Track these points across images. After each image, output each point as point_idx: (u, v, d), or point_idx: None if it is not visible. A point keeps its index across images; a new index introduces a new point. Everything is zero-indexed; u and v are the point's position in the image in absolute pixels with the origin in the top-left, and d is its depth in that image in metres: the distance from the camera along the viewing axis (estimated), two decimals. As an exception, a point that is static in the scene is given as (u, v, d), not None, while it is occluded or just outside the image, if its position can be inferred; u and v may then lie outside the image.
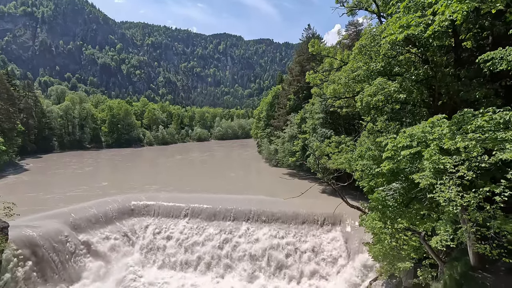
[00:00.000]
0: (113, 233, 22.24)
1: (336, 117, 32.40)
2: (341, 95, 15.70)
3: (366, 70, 12.73)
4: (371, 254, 14.39)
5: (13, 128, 60.01)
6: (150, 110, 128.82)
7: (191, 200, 25.72)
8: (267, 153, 55.25)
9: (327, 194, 30.76)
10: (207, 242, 22.08)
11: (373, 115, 14.31)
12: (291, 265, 20.40)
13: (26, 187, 38.39)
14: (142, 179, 42.84)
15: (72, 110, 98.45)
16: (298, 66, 48.04)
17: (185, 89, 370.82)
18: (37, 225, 19.55)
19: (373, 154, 12.17)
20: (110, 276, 19.28)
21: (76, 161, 65.55)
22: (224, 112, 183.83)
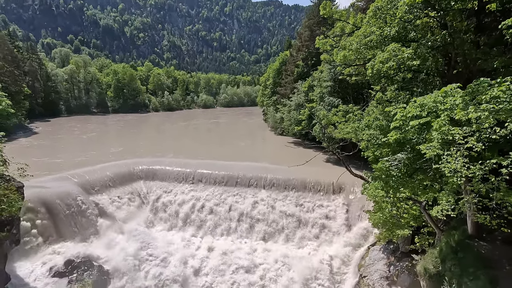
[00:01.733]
0: (123, 195, 23.16)
1: (344, 85, 31.55)
2: (352, 62, 15.10)
3: (379, 35, 12.09)
4: (371, 221, 14.85)
5: (19, 91, 60.11)
6: (155, 75, 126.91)
7: (197, 166, 26.27)
8: (272, 121, 54.96)
9: (332, 163, 31.05)
10: (215, 206, 22.94)
11: (383, 84, 13.89)
12: (295, 229, 21.25)
13: (36, 150, 39.45)
14: (150, 145, 43.53)
15: (77, 74, 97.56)
16: (308, 31, 45.81)
17: (190, 54, 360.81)
18: (50, 185, 20.42)
19: (380, 124, 12.02)
20: (120, 235, 20.42)
21: (84, 126, 66.36)
22: (230, 78, 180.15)
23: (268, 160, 32.32)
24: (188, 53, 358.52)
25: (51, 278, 15.80)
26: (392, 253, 16.70)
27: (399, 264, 15.71)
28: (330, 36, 18.96)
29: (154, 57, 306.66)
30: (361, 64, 15.17)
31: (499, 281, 9.02)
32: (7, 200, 12.91)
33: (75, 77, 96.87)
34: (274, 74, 60.98)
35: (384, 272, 15.83)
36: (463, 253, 10.35)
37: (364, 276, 16.44)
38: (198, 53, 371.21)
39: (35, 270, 16.18)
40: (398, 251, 16.51)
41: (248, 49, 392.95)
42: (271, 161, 31.48)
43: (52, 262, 16.71)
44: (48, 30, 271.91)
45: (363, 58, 14.01)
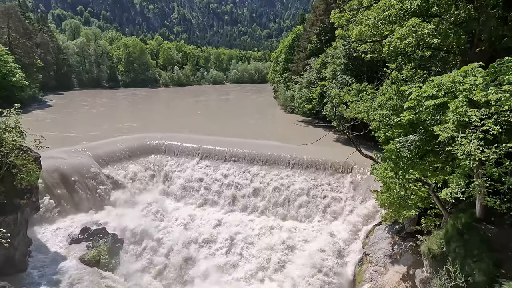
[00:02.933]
0: (135, 168, 23.81)
1: (359, 63, 30.50)
2: (368, 38, 14.44)
3: (399, 10, 11.43)
4: (378, 201, 14.93)
5: (32, 63, 60.59)
6: (165, 50, 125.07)
7: (206, 142, 26.55)
8: (283, 99, 54.20)
9: (341, 143, 30.81)
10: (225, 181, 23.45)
11: (399, 62, 13.35)
12: (303, 206, 21.63)
13: (51, 122, 40.43)
14: (161, 120, 43.94)
15: (87, 47, 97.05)
16: (323, 4, 43.69)
17: (201, 27, 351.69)
18: (66, 157, 21.12)
19: (394, 104, 11.71)
20: (132, 206, 21.25)
21: (96, 100, 67.05)
22: (240, 54, 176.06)
23: (277, 138, 32.28)
24: (198, 27, 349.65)
25: (69, 244, 16.81)
26: (397, 233, 16.91)
27: (403, 243, 15.95)
28: (346, 10, 18.03)
29: (164, 30, 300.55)
30: (377, 40, 14.52)
31: (504, 264, 9.08)
32: (26, 169, 13.48)
33: (85, 50, 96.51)
34: (286, 50, 59.23)
35: (387, 251, 16.14)
36: (469, 235, 10.38)
37: (368, 254, 16.81)
38: (208, 27, 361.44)
39: (54, 235, 17.20)
40: (403, 231, 16.70)
41: (260, 23, 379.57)
42: (280, 139, 31.44)
43: (69, 229, 17.70)
44: (57, 0, 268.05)
45: (380, 34, 13.37)
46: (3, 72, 46.59)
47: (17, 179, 13.14)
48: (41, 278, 14.10)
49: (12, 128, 13.59)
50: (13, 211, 13.42)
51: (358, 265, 17.28)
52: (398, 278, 14.18)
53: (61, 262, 15.40)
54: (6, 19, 58.37)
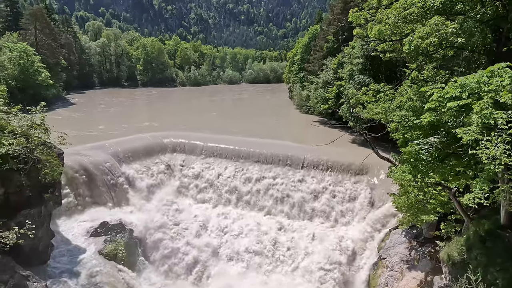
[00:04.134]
0: (152, 166, 24.33)
1: (377, 63, 29.81)
2: (387, 37, 14.10)
3: (421, 8, 11.08)
4: (395, 205, 14.54)
5: (57, 63, 63.22)
6: (182, 50, 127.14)
7: (221, 141, 26.78)
8: (298, 99, 53.83)
9: (357, 144, 30.26)
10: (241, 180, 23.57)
11: (420, 62, 12.94)
12: (317, 208, 21.42)
13: (73, 120, 42.03)
14: (178, 119, 44.72)
15: (108, 47, 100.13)
16: (341, 3, 43.01)
17: (217, 27, 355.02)
18: (87, 154, 21.88)
19: (413, 105, 11.36)
20: (148, 203, 21.75)
21: (116, 99, 69.08)
22: (256, 54, 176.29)
23: (291, 138, 32.10)
24: (215, 27, 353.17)
25: (88, 237, 17.41)
26: (415, 238, 16.43)
27: (421, 249, 15.47)
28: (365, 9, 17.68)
29: (182, 30, 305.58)
30: (397, 39, 14.15)
31: (529, 275, 8.64)
32: (50, 165, 14.09)
33: (106, 50, 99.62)
34: (302, 50, 58.81)
35: (404, 256, 15.71)
36: (492, 243, 9.94)
37: (383, 258, 16.43)
38: (225, 27, 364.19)
39: (74, 229, 17.87)
40: (421, 237, 16.20)
41: (276, 22, 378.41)
42: (294, 139, 31.24)
43: (89, 223, 18.33)
44: (81, 2, 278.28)
45: (400, 33, 13.02)
46: (30, 72, 48.88)
47: (42, 174, 13.74)
48: (62, 269, 14.69)
49: (38, 125, 14.22)
50: (37, 204, 14.04)
51: (373, 269, 16.92)
52: (415, 284, 13.78)
53: (81, 254, 15.98)
54: (33, 21, 61.18)
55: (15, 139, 12.97)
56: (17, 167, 12.73)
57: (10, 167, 12.38)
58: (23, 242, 11.55)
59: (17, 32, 60.60)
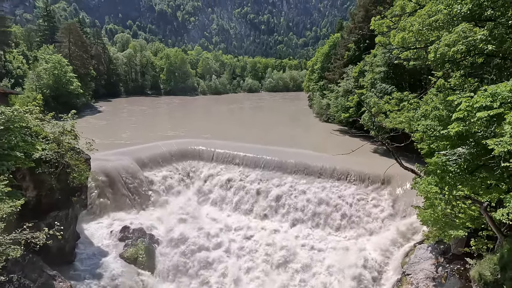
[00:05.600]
0: (173, 172, 24.88)
1: (400, 71, 29.09)
2: (411, 45, 13.75)
3: (447, 15, 10.75)
4: (420, 218, 13.87)
5: (87, 73, 66.97)
6: (204, 59, 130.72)
7: (241, 149, 26.93)
8: (318, 107, 53.37)
9: (379, 154, 29.42)
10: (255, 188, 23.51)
11: (447, 70, 12.49)
12: (336, 218, 20.91)
13: (100, 126, 44.03)
14: (198, 127, 45.66)
15: (134, 57, 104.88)
16: (362, 11, 42.61)
17: (238, 37, 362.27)
18: (111, 159, 22.78)
19: (440, 114, 10.91)
20: (170, 207, 22.16)
21: (139, 107, 71.78)
22: (276, 62, 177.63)
23: (311, 147, 31.76)
24: (235, 37, 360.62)
25: (111, 240, 17.97)
26: (442, 254, 15.53)
27: (449, 266, 14.58)
28: (387, 16, 17.41)
29: (204, 41, 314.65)
30: (422, 47, 13.77)
31: None
32: (78, 169, 14.80)
33: (132, 60, 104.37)
34: (322, 58, 58.59)
35: (430, 273, 14.87)
36: (529, 263, 9.21)
37: (408, 274, 15.63)
38: (245, 37, 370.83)
39: (98, 232, 18.53)
40: (449, 253, 15.29)
41: (296, 31, 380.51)
42: (314, 148, 30.89)
43: (111, 227, 18.95)
44: (110, 16, 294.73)
45: (425, 40, 12.66)
46: (63, 81, 52.07)
47: (70, 178, 14.46)
48: (85, 270, 15.23)
49: (69, 132, 15.05)
50: (65, 207, 14.76)
51: (396, 286, 16.13)
52: (443, 304, 12.97)
53: (104, 257, 16.50)
54: (68, 34, 65.47)
55: (48, 144, 13.77)
56: (49, 171, 13.48)
57: (42, 171, 13.14)
58: (51, 243, 12.11)
59: (53, 44, 65.06)
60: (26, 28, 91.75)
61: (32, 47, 76.55)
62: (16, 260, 11.19)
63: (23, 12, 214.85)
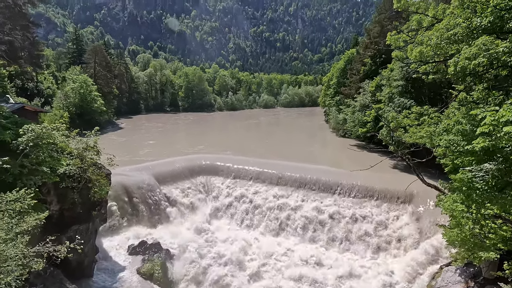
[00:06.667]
0: (190, 188, 25.10)
1: (418, 85, 28.57)
2: (429, 58, 13.55)
3: (466, 28, 10.57)
4: (446, 238, 13.09)
5: (110, 92, 70.28)
6: (221, 77, 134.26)
7: (257, 164, 26.91)
8: (334, 122, 52.94)
9: (399, 170, 28.47)
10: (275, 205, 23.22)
11: (468, 83, 12.14)
12: (357, 238, 20.16)
13: (121, 142, 45.55)
14: (214, 143, 46.28)
15: (154, 76, 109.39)
16: (378, 26, 42.72)
17: (254, 55, 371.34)
18: (130, 174, 23.35)
19: (463, 129, 10.53)
20: (186, 223, 22.22)
21: (159, 123, 73.96)
22: (291, 78, 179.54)
23: (328, 162, 31.28)
24: (251, 55, 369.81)
25: (128, 255, 18.12)
26: (472, 278, 14.47)
27: (481, 291, 13.54)
28: (404, 31, 17.34)
29: (221, 59, 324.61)
30: (441, 60, 13.53)
31: None
32: (99, 184, 15.24)
33: (153, 79, 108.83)
34: (338, 73, 58.68)
35: (460, 298, 13.85)
36: None
37: (435, 299, 14.64)
38: (261, 54, 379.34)
39: (116, 246, 18.77)
40: (480, 277, 14.23)
41: (312, 48, 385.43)
42: (331, 163, 30.39)
43: (129, 241, 19.16)
44: (133, 38, 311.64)
45: (444, 54, 12.46)
46: (88, 100, 54.82)
47: (91, 192, 14.88)
48: (103, 285, 15.34)
49: (91, 148, 15.65)
50: (86, 221, 15.12)
51: (423, 311, 15.10)
52: (475, 334, 11.95)
53: (121, 272, 16.60)
54: (94, 55, 69.58)
55: (72, 160, 14.36)
56: (72, 186, 13.96)
57: (66, 185, 13.63)
58: (71, 257, 12.35)
59: (80, 65, 69.13)
60: (57, 51, 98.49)
61: (61, 68, 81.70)
62: (38, 273, 11.46)
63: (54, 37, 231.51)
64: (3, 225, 8.77)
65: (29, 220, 9.72)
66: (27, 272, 9.04)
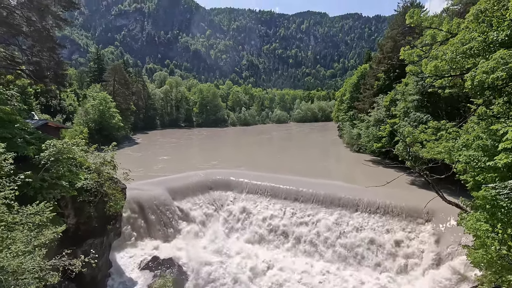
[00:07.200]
0: (202, 203, 25.10)
1: (435, 99, 27.99)
2: (445, 73, 13.37)
3: (482, 42, 10.43)
4: (471, 260, 12.37)
5: (128, 108, 72.69)
6: (234, 93, 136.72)
7: (270, 179, 26.72)
8: (348, 137, 52.30)
9: (417, 187, 27.51)
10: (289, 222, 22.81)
11: (487, 97, 11.81)
12: (373, 257, 19.39)
13: (137, 157, 46.55)
14: (227, 157, 46.54)
15: (170, 93, 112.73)
16: (391, 42, 42.73)
17: (267, 71, 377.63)
18: (143, 188, 23.67)
19: (483, 144, 10.16)
20: (199, 238, 22.07)
21: (174, 139, 75.40)
22: (304, 94, 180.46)
23: (343, 178, 30.70)
24: (264, 71, 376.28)
25: (140, 271, 18.07)
26: (501, 304, 13.48)
27: (512, 319, 12.54)
28: (417, 46, 17.27)
29: (234, 76, 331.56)
30: (457, 74, 13.31)
31: None
32: (114, 198, 15.52)
33: (168, 95, 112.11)
34: (351, 88, 58.55)
35: (489, 326, 12.85)
36: None
37: (461, 326, 13.67)
38: (274, 71, 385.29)
39: (129, 261, 18.77)
40: (510, 302, 13.23)
41: (324, 64, 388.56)
42: (346, 179, 29.81)
43: (142, 257, 19.14)
44: (151, 57, 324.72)
45: (460, 67, 12.27)
46: (107, 116, 56.83)
47: (107, 207, 15.16)
48: (115, 301, 15.29)
49: (108, 162, 16.08)
50: (101, 235, 15.32)
51: None
52: None
53: (132, 287, 16.53)
54: (113, 74, 72.73)
55: (89, 174, 14.77)
56: (88, 199, 14.29)
57: (83, 199, 13.96)
58: (86, 271, 12.46)
59: (100, 83, 72.27)
60: (79, 70, 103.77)
61: (83, 86, 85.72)
62: (53, 286, 11.58)
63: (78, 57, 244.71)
64: (22, 237, 9.00)
65: (47, 233, 9.94)
66: (43, 286, 9.16)
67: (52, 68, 21.10)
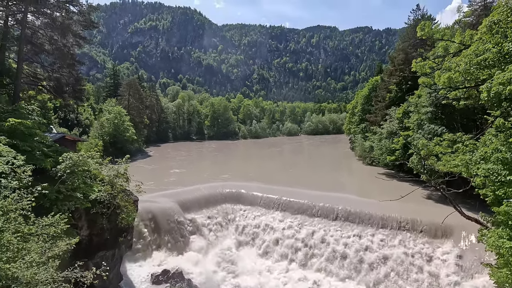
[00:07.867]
0: (213, 215, 25.00)
1: (449, 111, 27.42)
2: (459, 84, 13.15)
3: (497, 53, 10.25)
4: (494, 279, 11.71)
5: (141, 121, 74.40)
6: (245, 106, 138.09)
7: (281, 193, 26.44)
8: (360, 150, 51.53)
9: (434, 201, 26.59)
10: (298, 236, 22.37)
11: (505, 108, 11.49)
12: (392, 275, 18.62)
13: (149, 169, 47.18)
14: (238, 170, 46.54)
15: (182, 106, 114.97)
16: (402, 54, 42.56)
17: (277, 84, 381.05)
18: (157, 201, 23.82)
19: (503, 157, 9.81)
20: (209, 252, 21.86)
21: (185, 152, 76.26)
22: (315, 106, 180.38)
23: (357, 192, 30.07)
24: (275, 84, 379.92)
25: (151, 284, 17.96)
26: (530, 328, 12.57)
27: None
28: (429, 58, 17.12)
29: (245, 89, 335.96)
30: (472, 86, 13.07)
31: None
32: (126, 210, 15.66)
33: (181, 109, 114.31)
34: (363, 101, 58.18)
35: None
36: None
37: None
38: (284, 84, 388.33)
39: (139, 274, 18.71)
40: (540, 327, 12.33)
41: (335, 76, 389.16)
42: (360, 193, 29.18)
43: (152, 269, 19.07)
44: (164, 72, 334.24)
45: (474, 79, 12.05)
46: (121, 129, 58.26)
47: (119, 219, 15.28)
48: (125, 315, 15.15)
49: (122, 175, 16.34)
50: (112, 247, 15.39)
51: None
52: None
53: (143, 301, 16.38)
54: (128, 89, 75.04)
55: (103, 186, 15.02)
56: (101, 211, 14.47)
57: (96, 211, 14.15)
58: (97, 283, 12.46)
59: (115, 98, 74.61)
60: (96, 86, 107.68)
61: (99, 101, 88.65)
62: (64, 299, 11.61)
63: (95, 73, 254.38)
64: (37, 248, 9.14)
65: (61, 245, 10.07)
66: (54, 297, 9.19)
67: (71, 84, 22.00)
